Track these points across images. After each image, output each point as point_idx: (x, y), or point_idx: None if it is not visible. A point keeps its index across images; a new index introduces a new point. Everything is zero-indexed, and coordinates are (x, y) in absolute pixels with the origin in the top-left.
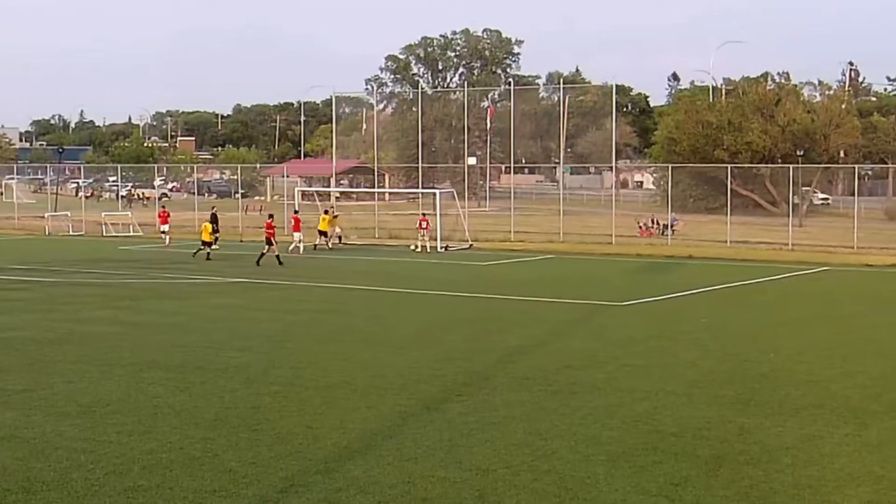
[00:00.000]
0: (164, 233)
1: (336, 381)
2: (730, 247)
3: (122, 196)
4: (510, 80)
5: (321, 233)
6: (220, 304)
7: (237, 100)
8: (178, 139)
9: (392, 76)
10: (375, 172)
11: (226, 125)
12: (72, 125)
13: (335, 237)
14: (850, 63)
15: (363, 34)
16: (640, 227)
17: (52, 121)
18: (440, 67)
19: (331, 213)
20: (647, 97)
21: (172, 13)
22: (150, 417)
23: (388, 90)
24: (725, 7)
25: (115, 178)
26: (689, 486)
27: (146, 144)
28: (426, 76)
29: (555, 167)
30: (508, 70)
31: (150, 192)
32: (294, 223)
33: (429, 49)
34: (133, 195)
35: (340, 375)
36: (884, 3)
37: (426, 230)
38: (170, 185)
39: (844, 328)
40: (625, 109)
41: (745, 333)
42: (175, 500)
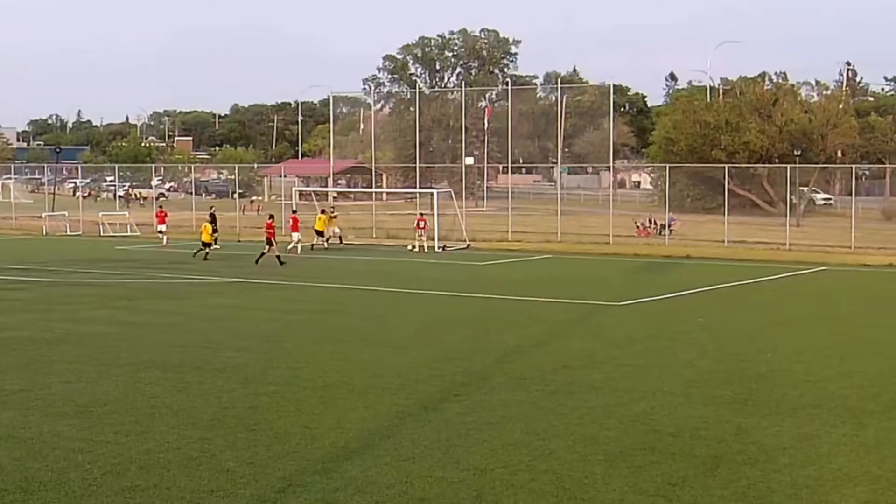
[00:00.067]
0: (162, 233)
1: (334, 381)
2: (727, 247)
3: (120, 196)
4: (508, 80)
5: (317, 232)
6: (218, 304)
7: (235, 99)
8: (176, 139)
9: (389, 76)
10: (373, 172)
11: (223, 125)
12: (69, 125)
13: (336, 237)
14: (848, 63)
15: (361, 34)
16: (638, 227)
17: (50, 120)
18: (438, 67)
19: (328, 213)
20: (645, 97)
21: (169, 13)
22: (148, 417)
23: (386, 90)
24: (723, 7)
25: (113, 178)
26: (687, 486)
27: (143, 144)
28: (424, 76)
29: (552, 167)
30: (506, 70)
31: (148, 192)
32: (292, 223)
33: (426, 49)
34: (130, 195)
35: (338, 375)
36: (881, 4)
37: (424, 230)
38: (167, 185)
39: (842, 328)
40: (622, 109)
41: (743, 333)
42: (172, 500)
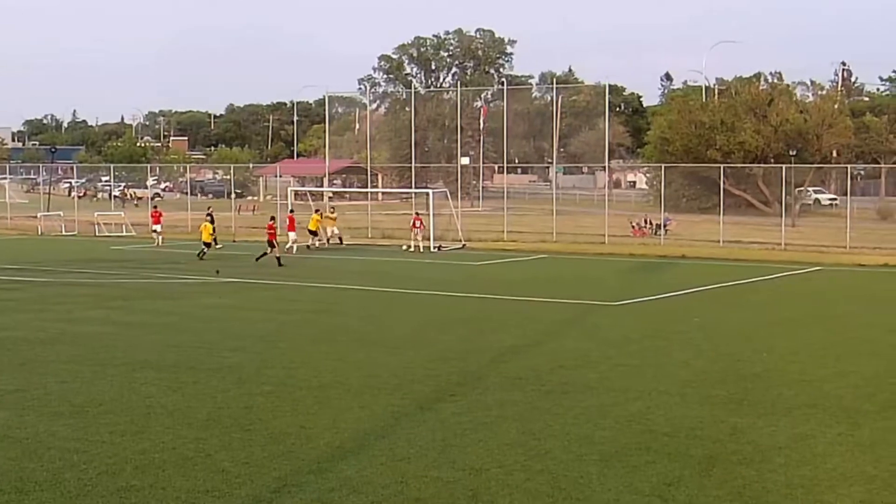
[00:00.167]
0: (157, 232)
1: (329, 381)
2: (722, 246)
3: (115, 196)
4: (503, 80)
5: (311, 232)
6: (213, 304)
7: (230, 99)
8: (171, 139)
9: (385, 76)
10: (368, 172)
11: (218, 125)
12: (64, 125)
13: (336, 238)
14: (843, 63)
15: (356, 34)
16: (633, 227)
17: (45, 120)
18: (433, 67)
19: (321, 213)
20: (640, 97)
21: (165, 14)
22: (143, 417)
23: (381, 90)
24: (718, 7)
25: (108, 178)
26: (682, 486)
27: (139, 144)
28: (419, 76)
29: (548, 167)
30: (501, 70)
31: (143, 192)
32: (289, 222)
33: (422, 49)
34: (126, 195)
35: (333, 375)
36: (877, 4)
37: (420, 229)
38: (162, 185)
39: (837, 328)
40: (618, 109)
41: (739, 333)
42: (168, 501)
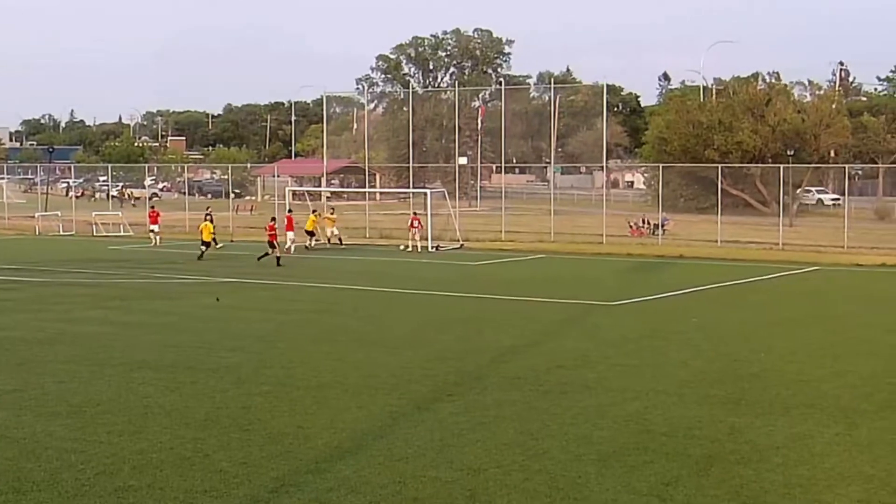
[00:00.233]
0: (154, 232)
1: (327, 381)
2: (720, 246)
3: (113, 196)
4: (501, 80)
5: (308, 233)
6: (212, 304)
7: (228, 99)
8: (169, 139)
9: (383, 76)
10: (366, 172)
11: (216, 125)
12: (62, 125)
13: (336, 238)
14: (841, 63)
15: (354, 34)
16: (631, 227)
17: (43, 120)
18: (431, 67)
19: (318, 213)
20: (638, 97)
21: (163, 14)
22: (141, 417)
23: (379, 90)
24: (716, 7)
25: (106, 178)
26: (680, 486)
27: (137, 144)
28: (417, 76)
29: (545, 167)
30: (499, 70)
31: (140, 192)
32: (287, 222)
33: (419, 49)
34: (123, 195)
35: (332, 375)
36: (874, 4)
37: (417, 229)
38: (160, 185)
39: (835, 328)
40: (615, 109)
41: (737, 333)
42: (166, 501)
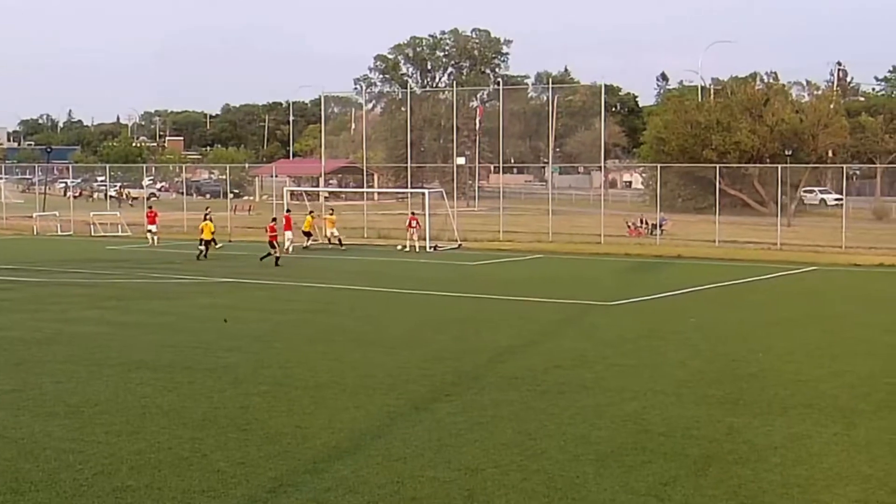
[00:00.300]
0: (152, 232)
1: (325, 381)
2: (718, 246)
3: (111, 196)
4: (499, 80)
5: (305, 233)
6: (209, 304)
7: (226, 99)
8: (167, 139)
9: (381, 76)
10: (364, 172)
11: (214, 125)
12: (60, 125)
13: (335, 239)
14: (839, 63)
15: (352, 34)
16: (629, 227)
17: (41, 120)
18: (429, 67)
19: (314, 214)
20: (636, 97)
21: (161, 14)
22: (139, 418)
23: (377, 90)
24: (714, 7)
25: (104, 178)
26: (678, 486)
27: (135, 144)
28: (415, 76)
29: (544, 167)
30: (497, 70)
31: (138, 192)
32: (285, 222)
33: (418, 49)
34: (121, 195)
35: (329, 375)
36: (872, 4)
37: (416, 229)
38: (158, 185)
39: (833, 328)
40: (613, 109)
41: (735, 333)
42: (163, 501)
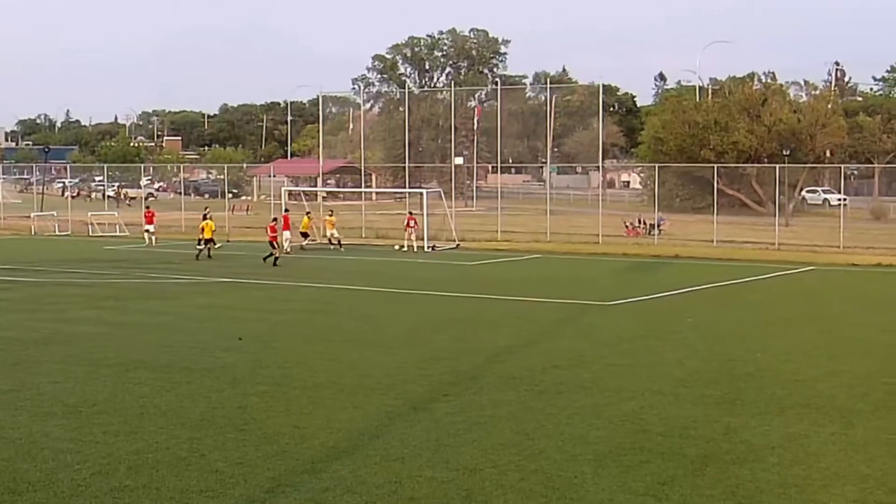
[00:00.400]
0: (150, 232)
1: (323, 381)
2: (716, 246)
3: (109, 196)
4: (497, 80)
5: (302, 234)
6: (207, 304)
7: (224, 99)
8: (165, 139)
9: (379, 76)
10: (362, 172)
11: (212, 125)
12: (58, 125)
13: (335, 240)
14: (836, 63)
15: (350, 34)
16: (627, 227)
17: (38, 120)
18: (427, 67)
19: (310, 215)
20: (634, 97)
21: (159, 14)
22: (137, 417)
23: (375, 90)
24: (712, 7)
25: (102, 178)
26: (676, 486)
27: (132, 144)
28: (413, 76)
29: (542, 167)
30: (495, 70)
31: (136, 192)
32: (283, 222)
33: (416, 49)
34: (120, 195)
35: (328, 375)
36: (870, 4)
37: (413, 229)
38: (156, 185)
39: (831, 327)
40: (611, 109)
41: (732, 333)
42: (161, 501)
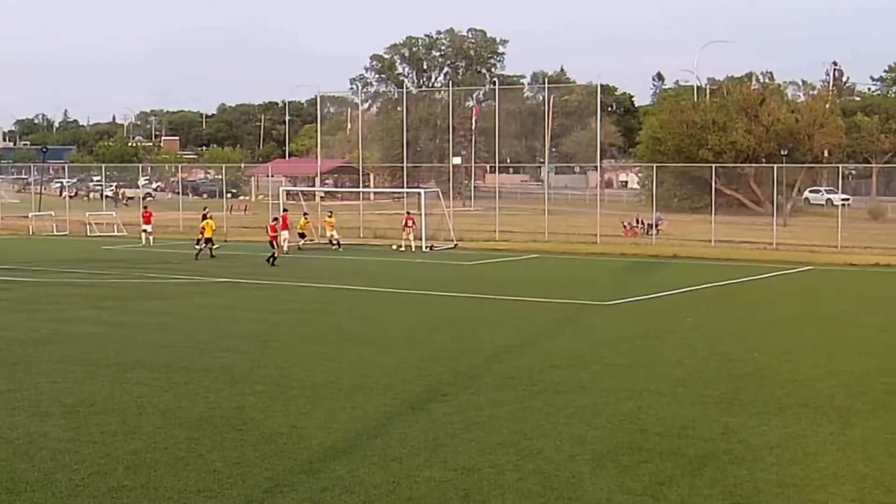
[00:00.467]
0: (148, 232)
1: (321, 381)
2: (714, 246)
3: (108, 196)
4: (495, 80)
5: (300, 235)
6: (205, 304)
7: (222, 99)
8: (163, 139)
9: (377, 76)
10: (360, 172)
11: (210, 125)
12: (55, 125)
13: (335, 240)
14: (834, 63)
15: (348, 34)
16: (625, 227)
17: (36, 120)
18: (425, 67)
19: (307, 216)
20: (632, 97)
21: (157, 14)
22: (135, 417)
23: (373, 90)
24: (710, 7)
25: (100, 178)
26: (674, 485)
27: (130, 144)
28: (411, 76)
29: (540, 167)
30: (493, 70)
31: (133, 192)
32: (282, 222)
33: (413, 49)
34: (118, 195)
35: (326, 375)
36: (868, 4)
37: (411, 229)
38: (154, 185)
39: (829, 327)
40: (609, 109)
41: (731, 333)
42: (159, 501)
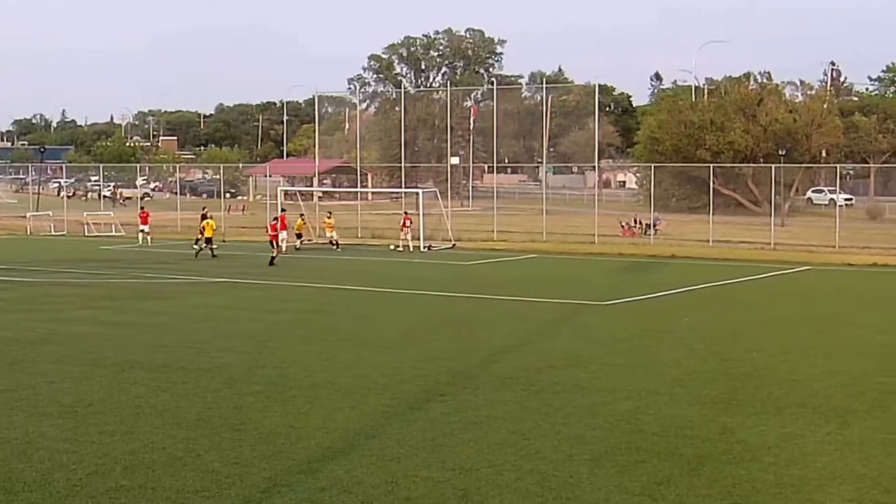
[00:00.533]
0: (145, 233)
1: (320, 381)
2: (712, 246)
3: (105, 196)
4: (493, 80)
5: (297, 235)
6: (203, 304)
7: (219, 99)
8: (161, 139)
9: (375, 75)
10: (358, 172)
11: (208, 125)
12: (53, 125)
13: (335, 241)
14: (832, 63)
15: (346, 34)
16: (623, 227)
17: (34, 120)
18: (423, 67)
19: (304, 217)
20: (630, 97)
21: (154, 14)
22: (133, 417)
23: (371, 89)
24: (708, 7)
25: (98, 178)
26: (672, 485)
27: (128, 144)
28: (409, 76)
29: (538, 167)
30: (491, 70)
31: (131, 192)
32: (280, 222)
33: (412, 48)
34: (116, 195)
35: (324, 375)
36: (866, 4)
37: (409, 229)
38: (152, 185)
39: (827, 327)
40: (607, 109)
41: (728, 333)
42: (157, 501)
